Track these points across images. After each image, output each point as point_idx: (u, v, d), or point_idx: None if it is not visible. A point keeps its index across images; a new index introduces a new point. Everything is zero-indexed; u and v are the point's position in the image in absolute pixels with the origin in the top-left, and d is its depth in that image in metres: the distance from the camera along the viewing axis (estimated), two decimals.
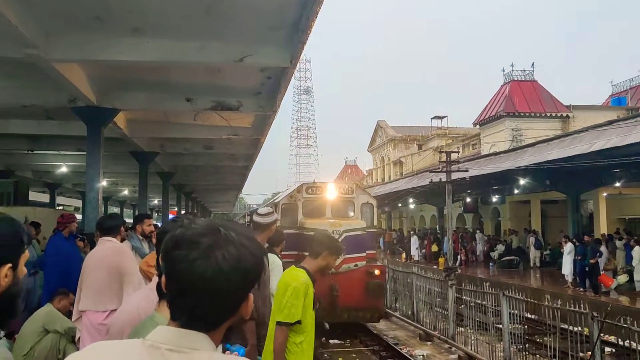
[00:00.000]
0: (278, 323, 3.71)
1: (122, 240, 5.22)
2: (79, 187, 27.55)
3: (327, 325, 10.26)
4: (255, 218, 5.14)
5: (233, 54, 7.77)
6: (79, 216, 19.65)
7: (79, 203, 33.93)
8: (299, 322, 3.69)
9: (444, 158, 21.88)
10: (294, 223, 12.23)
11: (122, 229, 5.15)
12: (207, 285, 1.13)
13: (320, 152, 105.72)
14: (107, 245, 4.73)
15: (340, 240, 10.37)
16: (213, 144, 16.05)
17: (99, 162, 10.35)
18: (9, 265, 1.52)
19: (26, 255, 1.63)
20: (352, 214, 12.92)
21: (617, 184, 18.63)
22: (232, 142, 15.64)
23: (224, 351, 3.82)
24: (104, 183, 13.35)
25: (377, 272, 11.70)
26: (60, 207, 30.40)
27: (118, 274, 4.54)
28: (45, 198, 28.16)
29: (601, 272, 16.04)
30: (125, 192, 33.34)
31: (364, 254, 11.73)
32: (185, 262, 1.14)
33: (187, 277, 1.14)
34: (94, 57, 7.68)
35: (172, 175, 21.69)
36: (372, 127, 58.69)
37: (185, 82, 9.97)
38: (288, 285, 3.74)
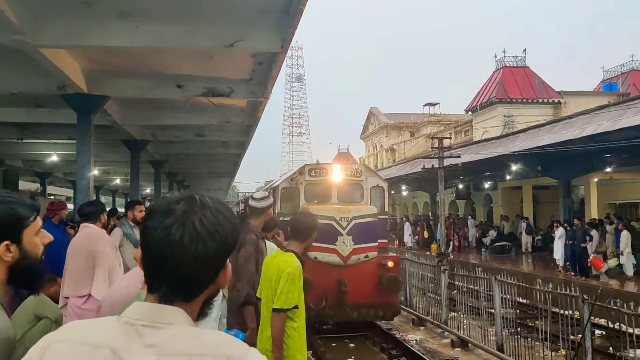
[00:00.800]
0: (275, 310, 3.71)
1: (106, 227, 5.23)
2: (70, 176, 27.36)
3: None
4: (251, 202, 5.12)
5: (223, 39, 7.69)
6: (70, 206, 19.55)
7: (70, 192, 33.73)
8: (296, 307, 3.69)
9: (436, 145, 21.91)
10: (295, 209, 10.97)
11: (103, 215, 5.13)
12: (183, 252, 1.11)
13: (312, 139, 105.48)
14: (84, 232, 4.82)
15: (348, 228, 10.11)
16: (205, 131, 15.96)
17: (90, 150, 10.26)
18: (6, 243, 1.55)
19: (35, 226, 1.66)
20: (360, 198, 11.71)
21: (608, 169, 18.76)
22: (224, 129, 15.56)
23: None
24: (95, 172, 13.26)
25: (390, 263, 10.57)
26: (52, 197, 30.22)
27: (92, 258, 4.63)
28: (35, 187, 27.97)
29: (593, 256, 16.21)
30: (117, 181, 33.17)
31: (376, 244, 10.64)
32: (160, 229, 1.13)
33: (163, 245, 1.12)
34: (82, 42, 7.58)
35: (164, 164, 21.58)
36: (364, 114, 58.62)
37: (176, 68, 9.88)
38: (282, 272, 3.73)
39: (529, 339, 9.47)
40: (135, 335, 1.08)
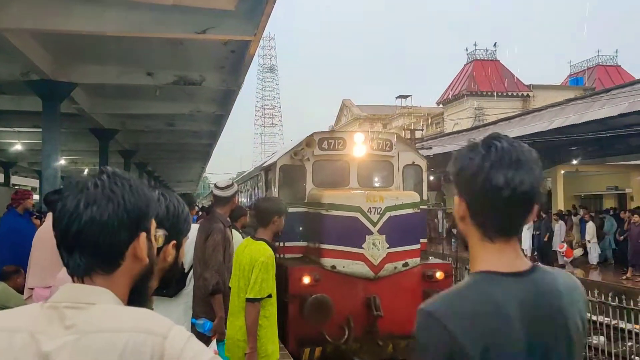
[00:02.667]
0: (250, 300, 3.69)
1: None
2: (36, 165, 26.66)
3: None
4: (215, 191, 5.06)
5: (195, 26, 7.57)
6: (36, 196, 19.04)
7: (35, 183, 32.88)
8: (269, 295, 3.67)
9: (408, 136, 22.09)
10: (300, 196, 8.29)
11: None
12: (80, 218, 1.09)
13: (285, 131, 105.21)
14: (51, 221, 4.66)
15: (381, 224, 7.16)
16: (175, 121, 15.73)
17: (56, 139, 10.01)
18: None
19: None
20: (389, 181, 8.80)
21: (574, 162, 19.20)
22: (195, 119, 15.35)
23: (190, 326, 3.80)
24: (62, 161, 12.94)
25: (439, 274, 7.55)
26: (17, 187, 29.42)
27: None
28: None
29: (566, 247, 16.70)
30: (86, 171, 32.47)
31: (418, 246, 7.65)
32: (60, 201, 1.13)
33: (62, 216, 1.11)
34: (47, 26, 7.36)
35: (134, 154, 21.22)
36: (337, 106, 58.67)
37: (146, 55, 9.68)
38: (255, 261, 3.71)
39: None
40: (56, 317, 1.06)
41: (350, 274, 7.11)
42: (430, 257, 8.91)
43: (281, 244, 7.38)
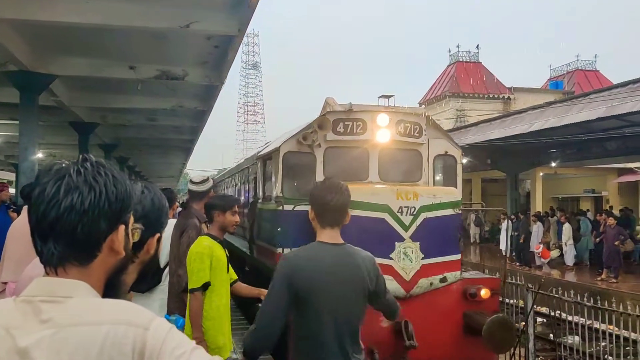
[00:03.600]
0: (190, 291, 3.79)
1: None
2: (12, 159, 26.16)
3: None
4: (190, 186, 5.04)
5: (179, 20, 7.51)
6: (12, 190, 18.68)
7: (12, 176, 32.27)
8: (208, 283, 3.71)
9: None
10: (307, 191, 5.61)
11: None
12: (59, 205, 1.06)
13: (268, 128, 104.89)
14: (26, 214, 4.58)
15: (414, 228, 5.98)
16: (157, 116, 15.56)
17: (34, 131, 9.84)
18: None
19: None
20: (417, 175, 7.41)
21: (553, 164, 19.49)
22: (177, 114, 15.21)
23: None
24: (39, 155, 12.70)
25: (484, 292, 6.19)
26: None
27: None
28: None
29: (542, 247, 16.94)
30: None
31: (458, 256, 6.43)
32: (38, 187, 1.09)
33: (40, 202, 1.08)
34: (27, 16, 7.22)
35: (115, 148, 20.96)
36: (320, 104, 58.62)
37: (129, 48, 9.55)
38: (192, 253, 3.82)
39: None
40: (31, 312, 1.03)
41: None
42: (469, 270, 7.36)
43: (280, 251, 6.19)
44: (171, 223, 4.34)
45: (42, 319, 1.01)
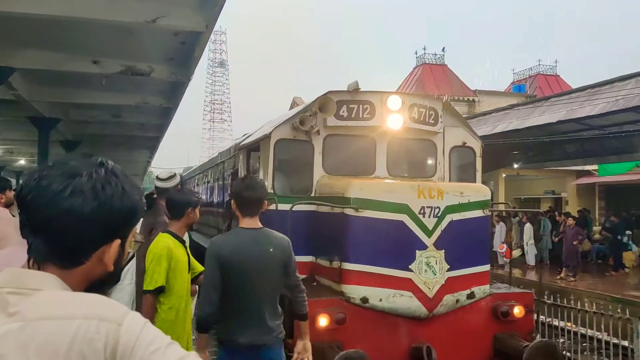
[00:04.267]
0: (144, 292, 3.71)
1: (6, 205, 4.92)
2: None
3: None
4: (157, 183, 4.96)
5: (145, 14, 7.36)
6: None
7: None
8: (162, 288, 3.64)
9: None
10: (303, 186, 6.21)
11: (7, 192, 4.81)
12: (60, 203, 1.03)
13: (234, 127, 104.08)
14: None
15: (439, 233, 5.04)
16: (122, 112, 15.23)
17: None
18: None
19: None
20: (430, 169, 6.57)
21: (515, 166, 19.95)
22: (142, 111, 14.91)
23: None
24: None
25: (517, 309, 5.33)
26: None
27: None
28: None
29: (505, 248, 17.29)
30: (22, 161, 30.96)
31: (487, 267, 5.56)
32: (45, 178, 1.06)
33: (42, 194, 1.05)
34: None
35: (77, 145, 20.39)
36: (288, 103, 58.56)
37: (93, 42, 9.30)
38: (149, 253, 3.71)
39: None
40: None
41: (392, 312, 4.90)
42: (493, 282, 6.18)
43: None
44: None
45: (9, 312, 0.98)
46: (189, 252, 3.93)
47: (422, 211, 5.03)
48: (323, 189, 5.92)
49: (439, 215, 5.07)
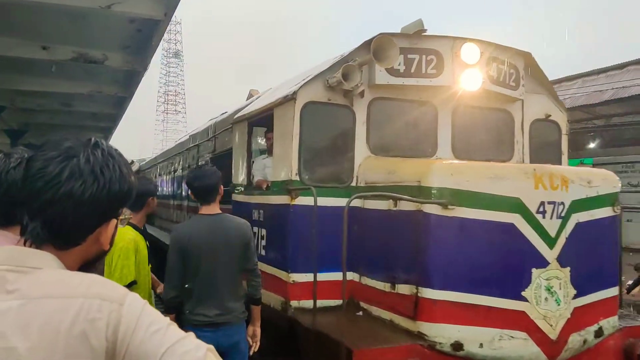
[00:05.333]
0: None
1: None
2: None
3: None
4: None
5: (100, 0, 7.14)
6: None
7: None
8: (134, 282, 3.59)
9: None
10: (338, 171, 4.58)
11: None
12: (58, 186, 1.03)
13: (189, 119, 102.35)
14: None
15: (563, 239, 3.54)
16: (73, 101, 14.71)
17: None
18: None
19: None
20: (507, 149, 5.08)
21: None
22: (95, 100, 14.47)
23: None
24: None
25: None
26: None
27: None
28: None
29: None
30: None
31: (615, 289, 4.06)
32: (41, 160, 1.05)
33: (39, 176, 1.04)
34: None
35: (23, 134, 19.58)
36: (245, 93, 58.06)
37: (43, 27, 8.92)
38: (115, 248, 3.62)
39: None
40: None
41: None
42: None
43: (291, 277, 4.25)
44: None
45: (7, 289, 0.97)
46: (148, 244, 3.87)
47: (541, 209, 3.41)
48: (372, 174, 4.27)
49: (563, 215, 3.49)
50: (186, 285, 3.55)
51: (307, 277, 4.18)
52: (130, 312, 1.01)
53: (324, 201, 4.16)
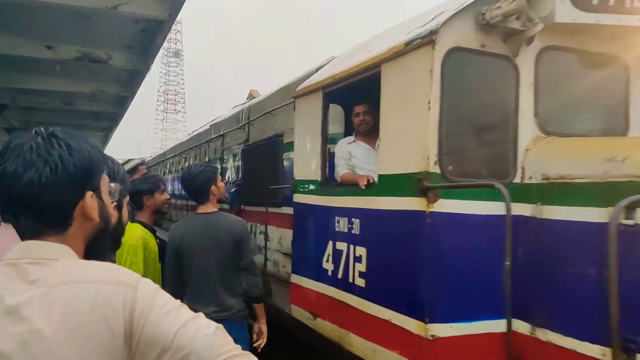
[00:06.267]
0: None
1: None
2: None
3: None
4: None
5: (106, 0, 7.19)
6: None
7: None
8: None
9: None
10: (492, 161, 3.09)
11: None
12: (19, 181, 1.10)
13: (188, 118, 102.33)
14: None
15: None
16: (74, 100, 14.76)
17: None
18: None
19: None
20: None
21: None
22: (97, 99, 14.52)
23: None
24: None
25: None
26: None
27: None
28: None
29: None
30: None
31: None
32: (1, 165, 1.13)
33: (3, 180, 1.11)
34: None
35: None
36: (245, 93, 58.16)
37: (48, 27, 8.97)
38: (124, 245, 3.66)
39: None
40: (16, 274, 1.07)
41: None
42: None
43: (430, 330, 2.76)
44: None
45: (29, 280, 1.05)
46: (158, 242, 3.93)
47: None
48: (559, 163, 2.82)
49: None
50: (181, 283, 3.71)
51: (457, 330, 2.76)
52: (144, 295, 1.09)
53: (472, 207, 2.83)
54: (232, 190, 6.72)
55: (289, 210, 4.88)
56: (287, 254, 4.98)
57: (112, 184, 1.30)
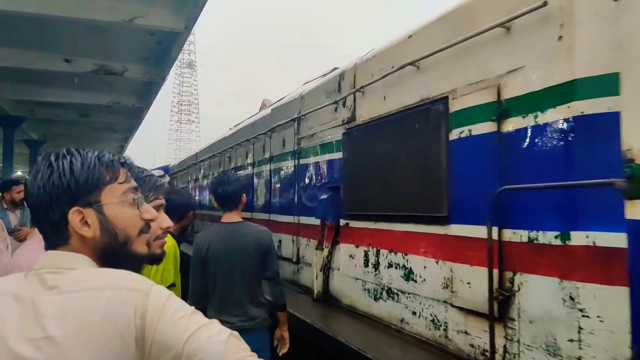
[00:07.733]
0: None
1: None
2: None
3: None
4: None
5: (122, 14, 7.33)
6: None
7: None
8: (173, 284, 3.71)
9: None
10: None
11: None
12: (32, 194, 1.18)
13: (202, 129, 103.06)
14: None
15: None
16: (91, 112, 14.98)
17: None
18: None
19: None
20: None
21: None
22: (113, 111, 14.71)
23: None
24: None
25: None
26: None
27: None
28: None
29: None
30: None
31: None
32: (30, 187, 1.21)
33: (28, 197, 1.21)
34: None
35: (42, 145, 19.94)
36: (258, 104, 58.38)
37: (66, 40, 9.16)
38: None
39: None
40: (37, 281, 1.11)
41: None
42: None
43: None
44: None
45: (48, 286, 1.10)
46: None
47: None
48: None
49: None
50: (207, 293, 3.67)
51: None
52: (156, 301, 1.10)
53: None
54: (322, 197, 4.67)
55: (463, 230, 2.76)
56: None
57: (131, 194, 1.28)
